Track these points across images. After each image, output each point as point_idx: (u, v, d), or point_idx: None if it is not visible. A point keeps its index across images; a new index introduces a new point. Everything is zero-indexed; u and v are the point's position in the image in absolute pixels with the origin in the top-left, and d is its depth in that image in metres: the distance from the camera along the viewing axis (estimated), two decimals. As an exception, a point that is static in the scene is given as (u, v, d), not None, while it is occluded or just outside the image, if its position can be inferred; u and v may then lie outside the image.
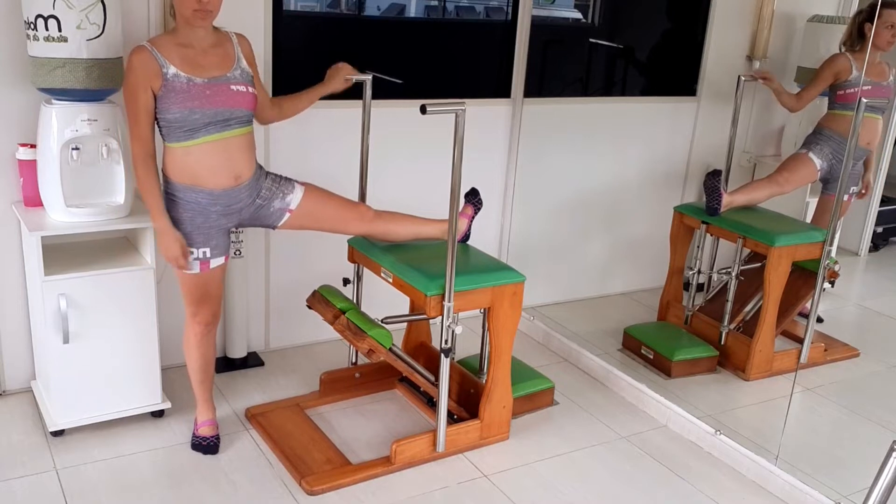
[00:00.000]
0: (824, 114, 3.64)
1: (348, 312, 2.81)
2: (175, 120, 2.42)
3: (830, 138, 3.58)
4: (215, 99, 2.43)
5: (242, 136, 2.53)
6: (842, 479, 2.77)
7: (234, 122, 2.48)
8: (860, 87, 3.44)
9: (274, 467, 2.74)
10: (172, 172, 2.51)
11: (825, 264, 3.34)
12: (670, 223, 3.86)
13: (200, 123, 2.43)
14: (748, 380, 3.52)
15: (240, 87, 2.49)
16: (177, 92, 2.40)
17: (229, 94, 2.46)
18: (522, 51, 3.79)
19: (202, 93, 2.42)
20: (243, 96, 2.49)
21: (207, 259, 2.59)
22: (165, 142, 2.49)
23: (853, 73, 3.49)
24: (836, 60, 3.55)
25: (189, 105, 2.40)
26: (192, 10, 2.38)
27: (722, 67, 4.18)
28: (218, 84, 2.45)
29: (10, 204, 2.86)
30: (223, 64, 2.49)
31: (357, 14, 3.66)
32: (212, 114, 2.43)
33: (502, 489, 2.72)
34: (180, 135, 2.44)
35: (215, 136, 2.46)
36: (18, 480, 2.57)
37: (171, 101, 2.40)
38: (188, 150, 2.46)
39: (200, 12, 2.39)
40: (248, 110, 2.52)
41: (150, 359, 2.85)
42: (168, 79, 2.40)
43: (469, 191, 2.98)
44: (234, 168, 2.52)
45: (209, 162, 2.48)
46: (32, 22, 2.51)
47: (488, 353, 2.94)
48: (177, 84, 2.40)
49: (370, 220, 2.83)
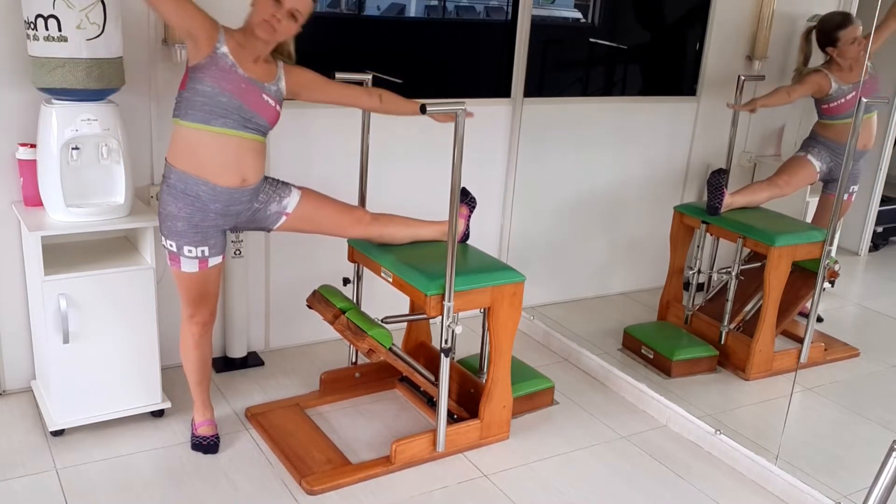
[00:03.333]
0: (816, 120, 3.66)
1: (348, 312, 2.81)
2: (203, 93, 2.41)
3: (825, 144, 3.60)
4: (246, 96, 2.46)
5: (255, 142, 2.53)
6: (842, 479, 2.77)
7: (252, 127, 2.50)
8: (844, 99, 3.50)
9: (274, 467, 2.74)
10: (178, 159, 2.50)
11: (825, 264, 3.34)
12: (670, 223, 3.86)
13: (223, 110, 2.43)
14: (748, 379, 3.52)
15: (270, 100, 2.52)
16: (218, 68, 2.42)
17: (259, 99, 2.49)
18: (522, 51, 3.79)
19: (238, 83, 2.44)
20: (270, 109, 2.52)
21: (206, 258, 2.59)
22: (181, 119, 2.46)
23: (832, 86, 3.52)
24: (813, 79, 3.57)
25: (222, 85, 2.42)
26: (263, 18, 2.41)
27: (722, 67, 4.18)
28: (254, 85, 2.47)
29: (10, 204, 2.86)
30: (265, 76, 2.52)
31: (357, 14, 3.66)
32: (237, 106, 2.44)
33: (502, 489, 2.72)
34: (199, 114, 2.43)
35: (231, 131, 2.46)
36: (18, 480, 2.57)
37: (208, 73, 2.41)
38: (200, 134, 2.44)
39: (268, 26, 2.42)
40: (268, 122, 2.54)
41: (150, 359, 2.85)
42: (217, 53, 2.42)
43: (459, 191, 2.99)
44: (242, 169, 2.52)
45: (219, 157, 2.48)
46: (32, 22, 2.51)
47: (488, 353, 2.94)
48: (221, 61, 2.42)
49: (367, 223, 2.83)
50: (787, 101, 3.74)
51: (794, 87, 3.68)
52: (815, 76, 3.56)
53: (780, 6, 4.09)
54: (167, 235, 2.56)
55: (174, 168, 2.51)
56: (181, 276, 2.61)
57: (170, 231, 2.55)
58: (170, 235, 2.56)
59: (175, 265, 2.59)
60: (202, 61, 2.42)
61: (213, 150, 2.47)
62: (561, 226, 4.16)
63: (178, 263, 2.58)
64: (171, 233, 2.55)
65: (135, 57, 2.92)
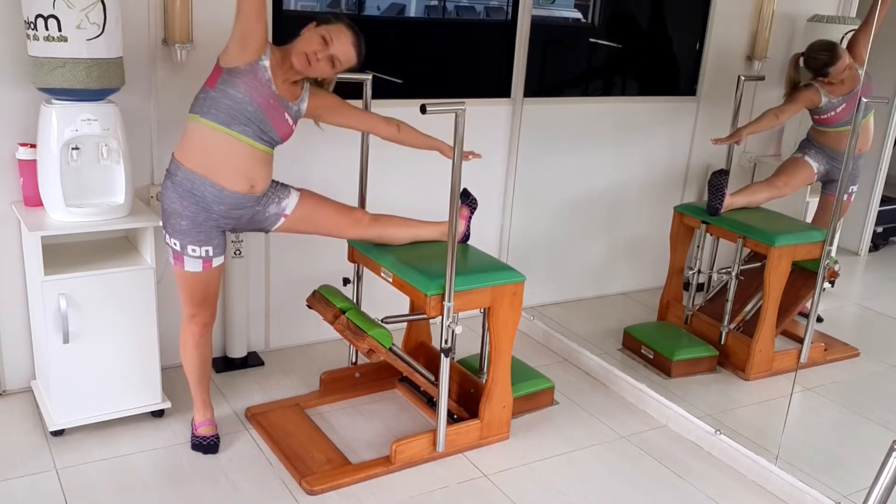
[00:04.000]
0: (811, 125, 3.68)
1: (348, 312, 2.81)
2: (233, 97, 2.44)
3: (821, 148, 3.61)
4: (271, 111, 2.50)
5: (265, 153, 2.57)
6: (842, 479, 2.77)
7: (266, 140, 2.54)
8: (834, 112, 3.53)
9: (274, 467, 2.74)
10: (188, 157, 2.50)
11: (825, 264, 3.34)
12: (670, 223, 3.86)
13: (245, 118, 2.46)
14: (748, 379, 3.52)
15: (289, 119, 2.58)
16: (256, 78, 2.45)
17: (281, 117, 2.54)
18: (522, 51, 3.79)
19: (268, 98, 2.48)
20: (287, 127, 2.58)
21: (210, 258, 2.59)
22: (201, 116, 2.46)
23: (823, 100, 3.54)
24: (803, 96, 3.60)
25: (253, 95, 2.45)
26: (305, 51, 2.49)
27: (722, 67, 4.18)
28: (280, 103, 2.53)
29: (10, 204, 2.86)
30: (291, 95, 2.57)
31: (357, 13, 3.66)
32: (260, 118, 2.48)
33: (502, 489, 2.72)
34: (221, 116, 2.44)
35: (246, 139, 2.49)
36: (18, 480, 2.57)
37: (244, 80, 2.44)
38: (216, 135, 2.46)
39: (305, 59, 2.49)
40: (281, 138, 2.60)
41: (150, 359, 2.85)
42: (259, 64, 2.45)
43: (461, 192, 2.98)
44: (252, 176, 2.54)
45: (232, 161, 2.49)
46: (32, 22, 2.51)
47: (488, 353, 2.94)
48: (260, 73, 2.46)
49: (366, 224, 2.83)
50: (777, 124, 3.76)
51: (782, 109, 3.69)
52: (804, 92, 3.59)
53: (780, 6, 4.09)
54: (171, 234, 2.56)
55: (182, 166, 2.51)
56: (184, 275, 2.61)
57: (174, 229, 2.55)
58: (174, 234, 2.56)
59: (179, 264, 2.59)
60: (242, 66, 2.44)
61: (226, 153, 2.48)
62: (561, 226, 4.16)
63: (182, 263, 2.58)
64: (176, 231, 2.55)
65: (135, 57, 2.92)
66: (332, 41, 2.50)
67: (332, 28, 2.52)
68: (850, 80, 3.48)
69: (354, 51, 2.56)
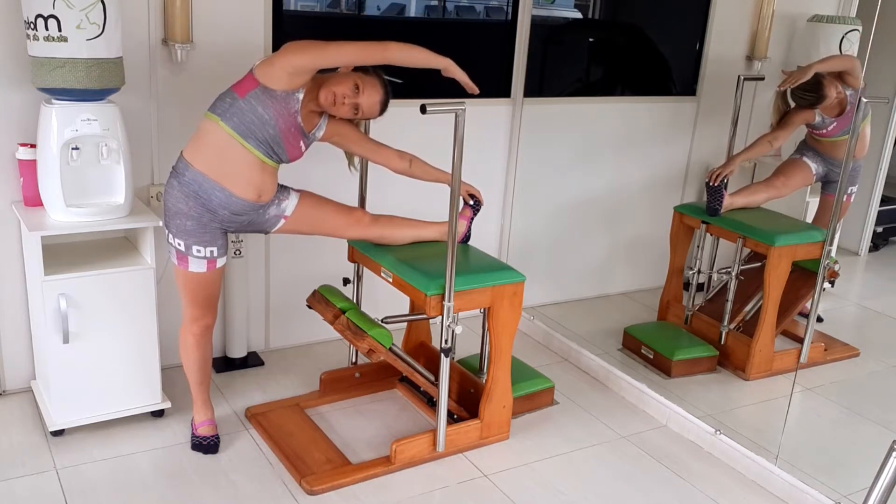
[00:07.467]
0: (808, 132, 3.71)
1: (348, 312, 2.81)
2: (260, 116, 2.46)
3: (817, 152, 3.63)
4: (289, 138, 2.55)
5: (273, 167, 2.60)
6: (842, 479, 2.77)
7: (275, 158, 2.58)
8: (827, 130, 3.56)
9: (274, 467, 2.74)
10: (200, 159, 2.50)
11: (825, 264, 3.34)
12: (670, 223, 3.86)
13: (263, 136, 2.49)
14: (748, 379, 3.52)
15: (303, 146, 2.64)
16: (286, 106, 2.50)
17: (296, 143, 2.60)
18: (522, 51, 3.79)
19: (290, 127, 2.54)
20: (298, 152, 2.64)
21: (214, 258, 2.60)
22: (222, 120, 2.47)
23: (816, 119, 3.57)
24: (796, 118, 3.63)
25: (278, 121, 2.50)
26: (334, 91, 2.54)
27: (722, 67, 4.18)
28: (300, 133, 2.59)
29: (10, 204, 2.86)
30: (310, 125, 2.63)
31: (357, 14, 3.65)
32: (277, 141, 2.53)
33: (502, 489, 2.72)
34: (242, 127, 2.46)
35: (258, 153, 2.51)
36: (18, 480, 2.57)
37: (275, 105, 2.48)
38: (232, 143, 2.47)
39: (333, 98, 2.54)
40: (289, 160, 2.64)
41: (150, 359, 2.85)
42: (295, 95, 2.51)
43: (472, 202, 3.00)
44: (260, 186, 2.57)
45: (243, 171, 2.51)
46: (32, 22, 2.51)
47: (488, 353, 2.94)
48: (291, 103, 2.51)
49: (367, 225, 2.84)
50: (770, 150, 3.76)
51: (776, 135, 3.70)
52: (798, 115, 3.61)
53: (780, 6, 4.09)
54: (175, 234, 2.56)
55: (192, 166, 2.51)
56: (188, 276, 2.61)
57: (178, 230, 2.55)
58: (178, 234, 2.55)
59: (182, 265, 2.59)
60: (279, 91, 2.47)
61: (238, 162, 2.50)
62: (561, 226, 4.16)
63: (186, 263, 2.58)
64: (181, 232, 2.55)
65: (135, 57, 2.92)
66: (363, 91, 2.57)
67: (367, 79, 2.59)
68: (842, 103, 3.52)
69: (379, 107, 2.65)
